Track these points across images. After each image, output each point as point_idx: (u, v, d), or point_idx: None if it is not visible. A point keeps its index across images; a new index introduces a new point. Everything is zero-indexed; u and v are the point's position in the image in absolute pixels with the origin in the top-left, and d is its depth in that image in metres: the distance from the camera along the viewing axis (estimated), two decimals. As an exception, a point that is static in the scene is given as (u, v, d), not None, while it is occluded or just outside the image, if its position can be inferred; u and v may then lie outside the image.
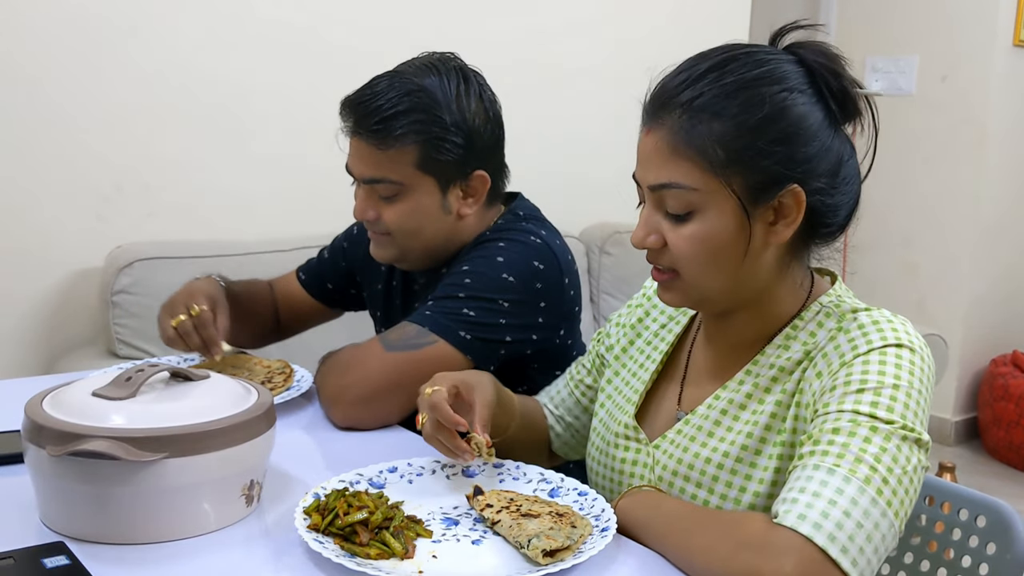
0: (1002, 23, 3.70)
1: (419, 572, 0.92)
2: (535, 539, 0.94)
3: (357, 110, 1.40)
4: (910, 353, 0.97)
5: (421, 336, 1.37)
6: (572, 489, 1.10)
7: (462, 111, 1.40)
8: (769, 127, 0.98)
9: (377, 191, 1.43)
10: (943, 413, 3.93)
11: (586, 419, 1.33)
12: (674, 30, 3.16)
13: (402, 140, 1.38)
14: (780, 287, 1.07)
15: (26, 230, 2.17)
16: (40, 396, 1.02)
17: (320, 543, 0.94)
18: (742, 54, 1.00)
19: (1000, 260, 3.94)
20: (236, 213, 2.44)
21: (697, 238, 1.00)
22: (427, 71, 1.41)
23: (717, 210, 0.99)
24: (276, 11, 2.42)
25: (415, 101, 1.38)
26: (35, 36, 2.12)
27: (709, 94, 0.98)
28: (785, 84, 0.99)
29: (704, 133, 0.97)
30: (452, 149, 1.40)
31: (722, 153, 0.97)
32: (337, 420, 1.37)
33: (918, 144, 3.92)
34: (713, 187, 0.98)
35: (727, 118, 0.97)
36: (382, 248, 1.48)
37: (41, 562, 0.90)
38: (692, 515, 0.98)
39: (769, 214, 1.00)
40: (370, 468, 1.13)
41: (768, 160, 0.98)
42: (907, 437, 0.92)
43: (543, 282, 1.42)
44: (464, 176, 1.44)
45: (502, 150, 1.50)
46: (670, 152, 0.99)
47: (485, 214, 1.50)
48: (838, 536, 0.85)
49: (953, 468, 2.59)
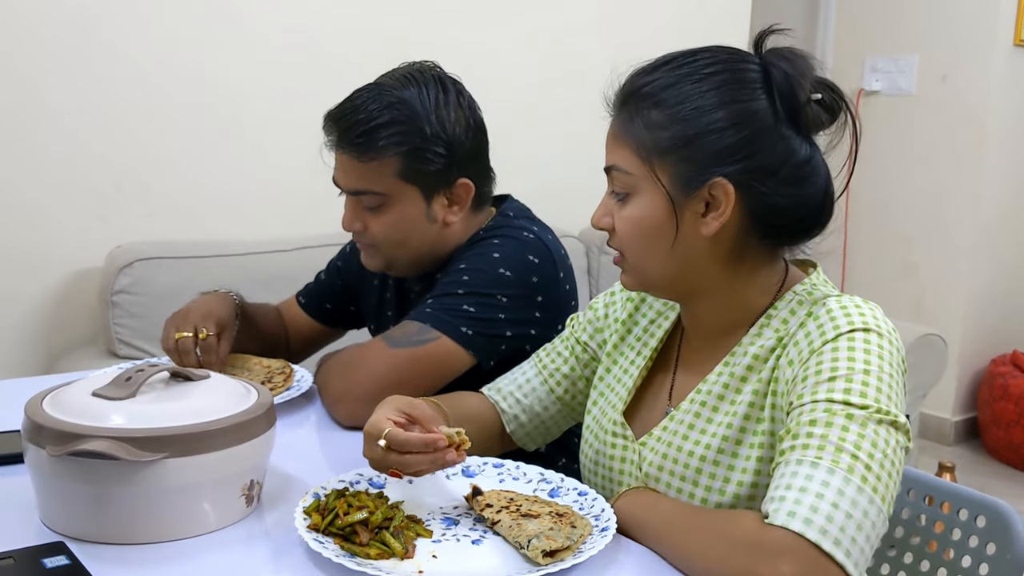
0: (1002, 23, 3.70)
1: (419, 572, 0.92)
2: (535, 539, 0.94)
3: (339, 124, 1.43)
4: (878, 337, 0.98)
5: (423, 332, 1.38)
6: (572, 489, 1.10)
7: (441, 120, 1.42)
8: (701, 118, 1.01)
9: (362, 202, 1.45)
10: (943, 413, 3.93)
11: (555, 409, 1.30)
12: (675, 31, 3.16)
13: (383, 152, 1.40)
14: (745, 279, 1.08)
15: (26, 230, 2.17)
16: (40, 396, 1.02)
17: (320, 543, 0.94)
18: (707, 52, 1.05)
19: (1000, 260, 3.94)
20: (236, 213, 2.44)
21: (631, 220, 1.06)
22: (407, 82, 1.43)
23: (648, 195, 1.04)
24: (277, 15, 2.42)
25: (395, 113, 1.40)
26: (35, 36, 2.12)
27: (654, 84, 1.04)
28: (735, 82, 1.02)
29: (642, 122, 1.03)
30: (434, 158, 1.42)
31: (653, 142, 1.02)
32: (342, 418, 1.37)
33: (918, 144, 3.92)
34: (644, 173, 1.04)
35: (664, 108, 1.02)
36: (370, 258, 1.51)
37: (41, 562, 0.90)
38: (687, 516, 0.98)
39: (700, 205, 1.03)
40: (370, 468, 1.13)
41: (694, 151, 1.01)
42: (883, 420, 0.92)
43: (539, 276, 1.44)
44: (447, 184, 1.45)
45: (486, 156, 1.52)
46: (615, 137, 1.07)
47: (472, 220, 1.52)
48: (829, 529, 0.85)
49: (953, 468, 2.58)
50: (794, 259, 1.12)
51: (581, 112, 3.01)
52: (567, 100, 2.95)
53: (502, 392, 1.31)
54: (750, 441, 1.03)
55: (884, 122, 4.01)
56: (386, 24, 2.58)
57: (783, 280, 1.10)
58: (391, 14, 2.59)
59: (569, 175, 2.92)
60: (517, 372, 1.33)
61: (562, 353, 1.31)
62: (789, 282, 1.10)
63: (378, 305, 1.66)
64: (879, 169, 4.04)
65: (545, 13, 2.90)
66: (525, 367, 1.33)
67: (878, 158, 4.04)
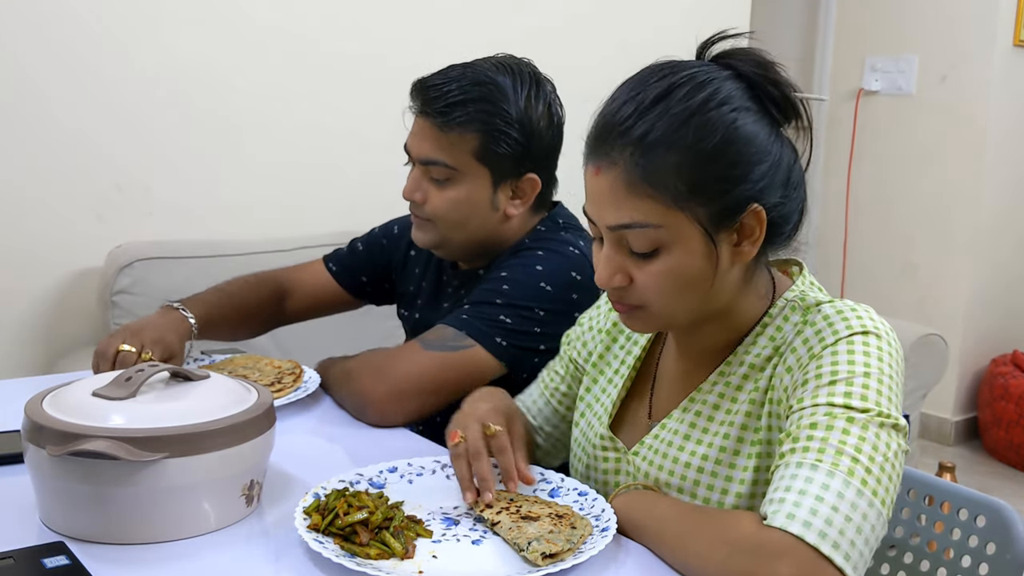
0: (1002, 23, 3.70)
1: (419, 572, 0.92)
2: (535, 542, 0.94)
3: (427, 92, 1.43)
4: (876, 339, 0.98)
5: (458, 339, 1.38)
6: (572, 489, 1.10)
7: (528, 111, 1.43)
8: (725, 152, 0.96)
9: (430, 172, 1.44)
10: (943, 413, 3.93)
11: (564, 427, 1.30)
12: (675, 31, 3.16)
13: (464, 126, 1.40)
14: (746, 297, 1.07)
15: (26, 230, 2.17)
16: (40, 396, 1.02)
17: (320, 543, 0.94)
18: (683, 78, 0.98)
19: (1000, 260, 3.94)
20: (236, 213, 2.44)
21: (665, 273, 0.98)
22: (502, 69, 1.45)
23: (682, 243, 0.97)
24: (276, 16, 2.42)
25: (484, 92, 1.41)
26: (36, 36, 2.12)
27: (661, 126, 0.95)
28: (731, 104, 0.97)
29: (661, 167, 0.95)
30: (511, 144, 1.42)
31: (682, 185, 0.95)
32: (373, 418, 1.37)
33: (918, 144, 3.92)
34: (677, 221, 0.96)
35: (682, 148, 0.95)
36: (423, 232, 1.49)
37: (41, 562, 0.90)
38: (685, 517, 0.98)
39: (732, 236, 0.99)
40: (370, 468, 1.13)
41: (728, 185, 0.97)
42: (884, 424, 0.92)
43: (579, 293, 1.43)
44: (517, 175, 1.46)
45: (557, 159, 1.53)
46: (627, 191, 0.96)
47: (529, 219, 1.52)
48: (828, 532, 0.85)
49: (953, 468, 2.58)
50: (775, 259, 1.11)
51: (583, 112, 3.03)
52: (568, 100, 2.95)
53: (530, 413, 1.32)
54: (747, 451, 1.03)
55: (884, 122, 4.01)
56: (386, 24, 2.57)
57: (772, 285, 1.09)
58: (391, 14, 2.59)
59: (569, 175, 2.92)
60: (526, 394, 1.34)
61: (559, 372, 1.31)
62: (779, 287, 1.09)
63: (414, 293, 1.66)
64: (879, 169, 4.04)
65: (544, 12, 2.89)
66: (532, 389, 1.34)
67: (878, 158, 4.04)
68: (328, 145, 2.52)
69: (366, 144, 2.52)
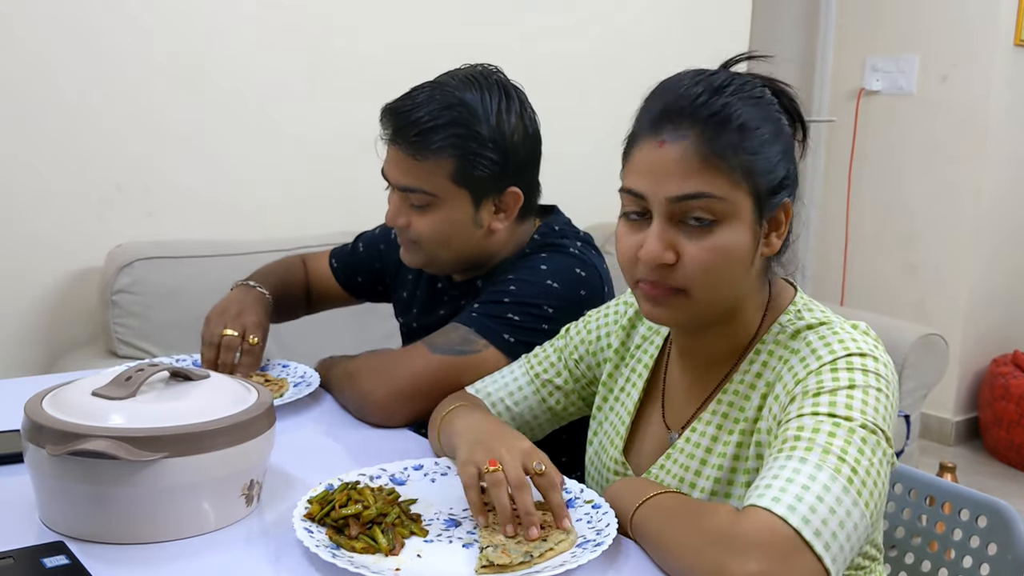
0: (1003, 23, 3.69)
1: (396, 570, 0.92)
2: (490, 548, 0.94)
3: (396, 119, 1.41)
4: (861, 358, 0.99)
5: (467, 343, 1.38)
6: (586, 501, 1.07)
7: (501, 127, 1.40)
8: (777, 142, 1.03)
9: (410, 199, 1.43)
10: (943, 413, 3.93)
11: (545, 418, 1.31)
12: (675, 31, 3.16)
13: (438, 153, 1.38)
14: (750, 300, 1.08)
15: (26, 230, 2.17)
16: (40, 396, 1.02)
17: (308, 531, 0.95)
18: (738, 74, 1.05)
19: (1000, 260, 3.94)
20: (236, 213, 2.44)
21: (718, 250, 0.99)
22: (469, 84, 1.41)
23: (738, 220, 1.00)
24: (278, 16, 2.42)
25: (455, 115, 1.38)
26: (36, 36, 2.12)
27: (734, 105, 1.00)
28: (775, 105, 1.06)
29: (730, 144, 0.99)
30: (488, 165, 1.40)
31: (747, 163, 1.00)
32: (377, 417, 1.38)
33: (918, 144, 3.92)
34: (736, 197, 0.99)
35: (749, 130, 1.00)
36: (411, 253, 1.49)
37: (41, 562, 0.90)
38: (667, 509, 0.97)
39: (766, 226, 1.04)
40: (395, 464, 1.14)
41: (775, 175, 1.02)
42: (869, 433, 0.92)
43: (587, 289, 1.44)
44: (498, 191, 1.44)
45: (538, 167, 1.51)
46: (699, 162, 0.98)
47: (516, 229, 1.51)
48: (812, 519, 0.84)
49: (954, 468, 2.58)
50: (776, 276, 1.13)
51: (582, 112, 3.03)
52: (568, 100, 2.95)
53: (492, 398, 1.31)
54: (741, 480, 1.04)
55: (884, 122, 4.01)
56: (386, 25, 2.57)
57: (768, 299, 1.10)
58: (392, 15, 2.59)
59: (569, 176, 2.92)
60: (507, 376, 1.32)
61: (555, 364, 1.31)
62: (773, 304, 1.10)
63: (408, 300, 1.66)
64: (879, 169, 4.04)
65: (545, 12, 2.89)
66: (515, 371, 1.33)
67: (878, 158, 4.04)
68: (329, 145, 2.52)
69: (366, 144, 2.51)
